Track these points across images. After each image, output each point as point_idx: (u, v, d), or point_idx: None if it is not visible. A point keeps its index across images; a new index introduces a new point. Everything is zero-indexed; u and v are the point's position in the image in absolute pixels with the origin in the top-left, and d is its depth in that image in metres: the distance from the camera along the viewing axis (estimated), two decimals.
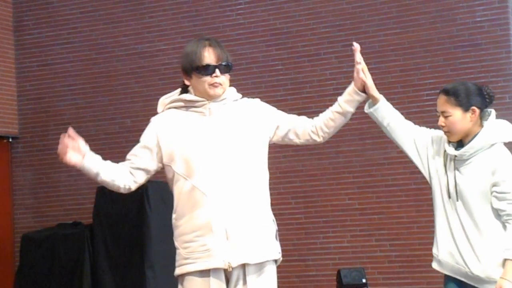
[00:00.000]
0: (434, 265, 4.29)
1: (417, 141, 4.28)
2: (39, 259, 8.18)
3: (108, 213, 7.94)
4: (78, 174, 9.43)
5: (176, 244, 3.92)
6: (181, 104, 3.92)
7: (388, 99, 4.28)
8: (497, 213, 4.07)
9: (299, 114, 4.12)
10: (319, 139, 4.06)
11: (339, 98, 4.05)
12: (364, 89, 4.05)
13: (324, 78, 8.50)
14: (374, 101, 4.22)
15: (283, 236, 4.01)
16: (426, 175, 4.28)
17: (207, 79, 3.83)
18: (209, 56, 3.84)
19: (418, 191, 7.96)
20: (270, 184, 3.99)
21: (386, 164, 8.26)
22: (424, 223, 7.90)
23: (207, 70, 3.82)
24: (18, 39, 9.84)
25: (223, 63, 3.86)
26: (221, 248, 3.78)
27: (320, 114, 4.09)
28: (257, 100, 4.07)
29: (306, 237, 8.55)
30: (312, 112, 4.11)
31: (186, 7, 9.18)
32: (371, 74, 4.09)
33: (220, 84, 3.85)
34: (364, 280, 7.83)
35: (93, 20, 9.56)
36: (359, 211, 8.43)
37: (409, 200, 8.11)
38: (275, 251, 3.92)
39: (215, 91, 3.85)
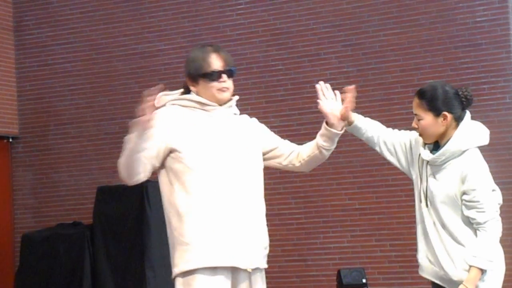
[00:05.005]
0: (419, 271, 4.28)
1: (396, 147, 4.33)
2: (39, 259, 8.18)
3: (108, 213, 7.94)
4: (78, 174, 9.47)
5: None
6: (189, 104, 3.87)
7: (388, 99, 4.29)
8: (467, 220, 4.02)
9: (299, 114, 4.13)
10: (298, 165, 4.08)
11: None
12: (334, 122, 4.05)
13: (324, 78, 8.42)
14: (350, 123, 4.28)
15: (283, 236, 4.01)
16: (410, 176, 4.31)
17: (215, 84, 3.84)
18: (216, 62, 3.85)
19: None
20: (270, 184, 3.99)
21: (386, 164, 8.11)
22: None
23: (215, 75, 3.83)
24: (18, 39, 9.84)
25: (230, 68, 3.89)
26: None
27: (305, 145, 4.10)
28: (255, 119, 4.11)
29: (306, 237, 8.54)
30: (312, 112, 4.11)
31: (186, 7, 9.18)
32: (371, 74, 4.09)
33: (228, 89, 3.89)
34: (364, 280, 7.83)
35: (93, 20, 9.57)
36: (359, 211, 8.43)
37: (409, 200, 8.04)
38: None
39: (223, 95, 3.88)
